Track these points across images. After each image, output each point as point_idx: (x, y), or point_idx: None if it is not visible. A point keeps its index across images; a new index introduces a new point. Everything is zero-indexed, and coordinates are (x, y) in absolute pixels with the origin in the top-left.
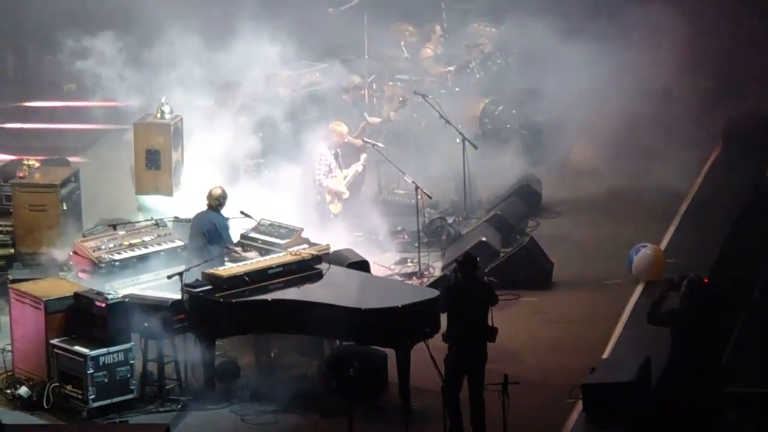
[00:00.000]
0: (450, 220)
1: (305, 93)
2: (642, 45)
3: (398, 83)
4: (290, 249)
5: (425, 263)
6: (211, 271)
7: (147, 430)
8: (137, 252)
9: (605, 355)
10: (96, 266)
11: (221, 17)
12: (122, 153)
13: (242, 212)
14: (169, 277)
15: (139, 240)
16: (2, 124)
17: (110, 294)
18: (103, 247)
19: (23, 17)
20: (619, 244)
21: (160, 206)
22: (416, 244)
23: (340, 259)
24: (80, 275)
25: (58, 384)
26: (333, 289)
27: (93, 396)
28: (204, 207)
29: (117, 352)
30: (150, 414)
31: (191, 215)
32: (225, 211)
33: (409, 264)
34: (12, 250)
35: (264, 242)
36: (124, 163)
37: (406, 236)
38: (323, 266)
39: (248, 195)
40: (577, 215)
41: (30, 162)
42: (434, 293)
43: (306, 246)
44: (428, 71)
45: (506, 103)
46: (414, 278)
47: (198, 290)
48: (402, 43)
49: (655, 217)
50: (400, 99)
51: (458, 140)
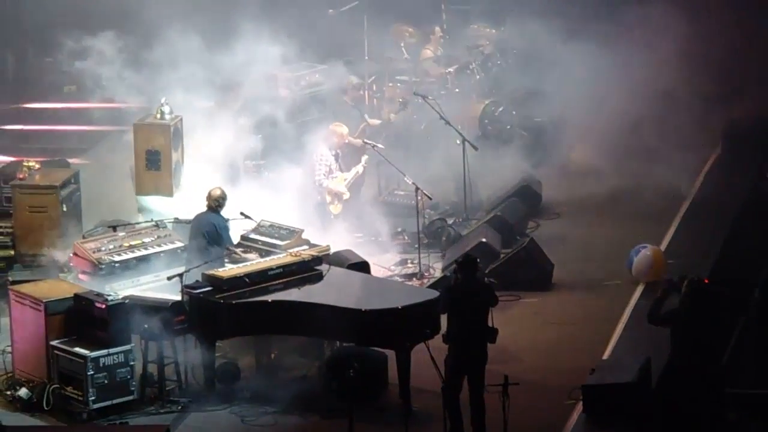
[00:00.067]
0: (450, 221)
1: (306, 94)
2: (643, 46)
3: (398, 84)
4: (290, 250)
5: (425, 264)
6: (212, 273)
7: None
8: (137, 253)
9: (605, 356)
10: (96, 267)
11: (221, 18)
12: (122, 154)
13: (242, 213)
14: (170, 279)
15: (139, 241)
16: (2, 126)
17: (110, 295)
18: (103, 249)
19: (23, 18)
20: (619, 245)
21: (161, 207)
22: (416, 245)
23: (340, 260)
24: (80, 276)
25: (59, 385)
26: (333, 291)
27: (93, 397)
28: (204, 208)
29: (117, 354)
30: (150, 415)
31: (191, 216)
32: (225, 213)
33: (410, 265)
34: (12, 252)
35: (264, 243)
36: (124, 165)
37: (406, 237)
38: (323, 267)
39: (248, 196)
40: (578, 216)
41: (30, 163)
42: (434, 294)
43: (306, 247)
44: (428, 72)
45: (506, 104)
46: (414, 279)
47: (198, 291)
48: (402, 45)
49: (656, 218)
50: (401, 100)
51: (458, 141)
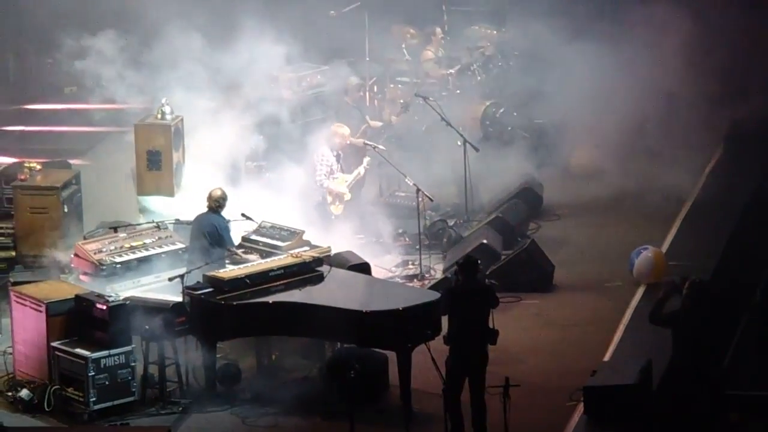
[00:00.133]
0: (451, 223)
1: (308, 95)
2: (646, 46)
3: (399, 86)
4: (291, 251)
5: (426, 265)
6: (213, 274)
7: None
8: (138, 254)
9: (606, 358)
10: (97, 268)
11: (222, 18)
12: (123, 155)
13: (243, 214)
14: (171, 280)
15: (141, 242)
16: (3, 127)
17: (111, 296)
18: (105, 250)
19: (23, 19)
20: (621, 247)
21: (162, 208)
22: (417, 247)
23: (341, 262)
24: (81, 278)
25: (59, 386)
26: (334, 292)
27: (94, 398)
28: (204, 209)
29: (118, 355)
30: (151, 416)
31: (192, 217)
32: (226, 214)
33: (410, 266)
34: (13, 253)
35: (265, 244)
36: (125, 166)
37: (408, 238)
38: (324, 268)
39: (249, 197)
40: (579, 218)
41: (31, 164)
42: (435, 296)
43: (307, 248)
44: (429, 74)
45: (508, 106)
46: (415, 280)
47: (199, 292)
48: (403, 46)
49: (657, 220)
50: (402, 102)
51: (459, 143)
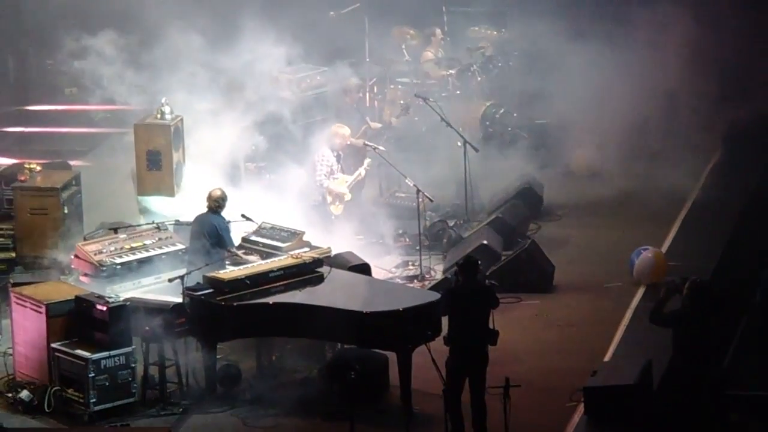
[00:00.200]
0: (451, 223)
1: (308, 96)
2: (646, 47)
3: (399, 86)
4: (292, 252)
5: (426, 266)
6: (213, 275)
7: None
8: (138, 255)
9: (607, 358)
10: (97, 269)
11: (222, 18)
12: (123, 156)
13: (243, 215)
14: (171, 281)
15: (141, 243)
16: (3, 128)
17: (111, 297)
18: (105, 251)
19: (24, 20)
20: (621, 247)
21: (162, 208)
22: (417, 247)
23: (342, 262)
24: (81, 279)
25: (60, 388)
26: (334, 293)
27: (94, 399)
28: (204, 209)
29: (118, 356)
30: (151, 417)
31: (192, 218)
32: (226, 214)
33: (411, 267)
34: (13, 254)
35: (265, 245)
36: (126, 167)
37: (408, 239)
38: (324, 269)
39: (249, 198)
40: (579, 218)
41: (31, 165)
42: (435, 296)
43: (307, 249)
44: (429, 74)
45: (508, 106)
46: (415, 281)
47: (199, 293)
48: (403, 47)
49: (657, 220)
50: (402, 103)
51: (459, 143)
